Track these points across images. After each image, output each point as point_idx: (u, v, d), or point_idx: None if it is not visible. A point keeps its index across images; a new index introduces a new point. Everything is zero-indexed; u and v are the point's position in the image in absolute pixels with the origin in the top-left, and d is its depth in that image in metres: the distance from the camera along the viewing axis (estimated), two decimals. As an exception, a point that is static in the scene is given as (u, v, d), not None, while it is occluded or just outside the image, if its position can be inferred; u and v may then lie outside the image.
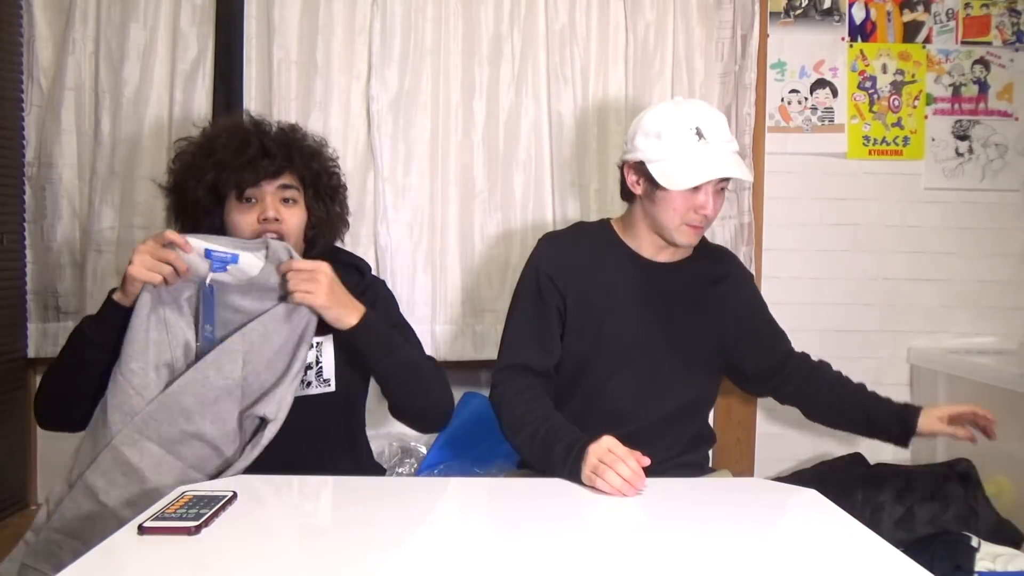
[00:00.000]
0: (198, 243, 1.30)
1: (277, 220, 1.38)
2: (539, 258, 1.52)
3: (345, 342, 1.38)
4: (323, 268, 1.32)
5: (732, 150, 1.43)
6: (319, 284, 1.30)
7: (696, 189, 1.40)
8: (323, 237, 1.49)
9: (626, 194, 1.54)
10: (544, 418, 1.34)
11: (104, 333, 1.30)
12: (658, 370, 1.48)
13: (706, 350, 1.54)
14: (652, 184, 1.43)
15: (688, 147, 1.40)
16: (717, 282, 1.57)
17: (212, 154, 1.39)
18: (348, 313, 1.34)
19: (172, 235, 1.27)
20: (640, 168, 1.45)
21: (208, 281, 1.30)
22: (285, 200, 1.41)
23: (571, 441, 1.23)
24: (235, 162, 1.37)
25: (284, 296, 1.32)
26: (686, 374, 1.50)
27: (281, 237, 1.38)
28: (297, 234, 1.43)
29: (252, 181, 1.37)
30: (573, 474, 1.20)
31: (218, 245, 1.32)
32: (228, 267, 1.31)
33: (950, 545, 1.72)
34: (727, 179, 1.44)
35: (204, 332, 1.32)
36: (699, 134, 1.40)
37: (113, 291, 1.32)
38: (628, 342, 1.48)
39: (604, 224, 1.59)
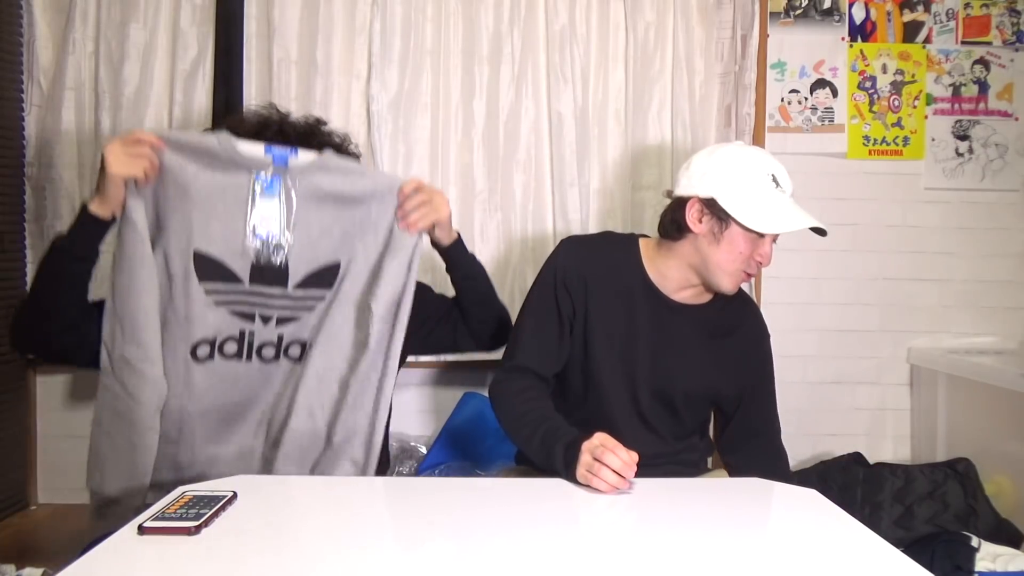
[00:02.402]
0: (252, 145, 1.29)
1: None
2: (558, 263, 1.46)
3: (450, 256, 1.49)
4: (431, 187, 1.41)
5: (810, 218, 1.41)
6: (436, 202, 1.39)
7: (762, 237, 1.38)
8: None
9: (671, 231, 1.43)
10: (544, 418, 1.33)
11: (83, 247, 1.26)
12: (648, 408, 1.44)
13: (701, 398, 1.48)
14: (721, 223, 1.37)
15: (768, 193, 1.38)
16: (729, 333, 1.48)
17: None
18: (451, 228, 1.45)
19: (144, 133, 1.25)
20: (710, 205, 1.37)
21: (270, 173, 1.28)
22: None
23: (568, 441, 1.24)
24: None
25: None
26: (676, 416, 1.47)
27: None
28: None
29: None
30: (570, 473, 1.21)
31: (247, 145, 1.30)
32: (289, 161, 1.31)
33: (950, 545, 1.72)
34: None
35: (268, 232, 1.29)
36: (776, 182, 1.40)
37: (84, 206, 1.26)
38: (621, 374, 1.44)
39: (632, 242, 1.50)
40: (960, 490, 1.90)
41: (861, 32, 2.25)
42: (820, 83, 2.25)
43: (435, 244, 1.49)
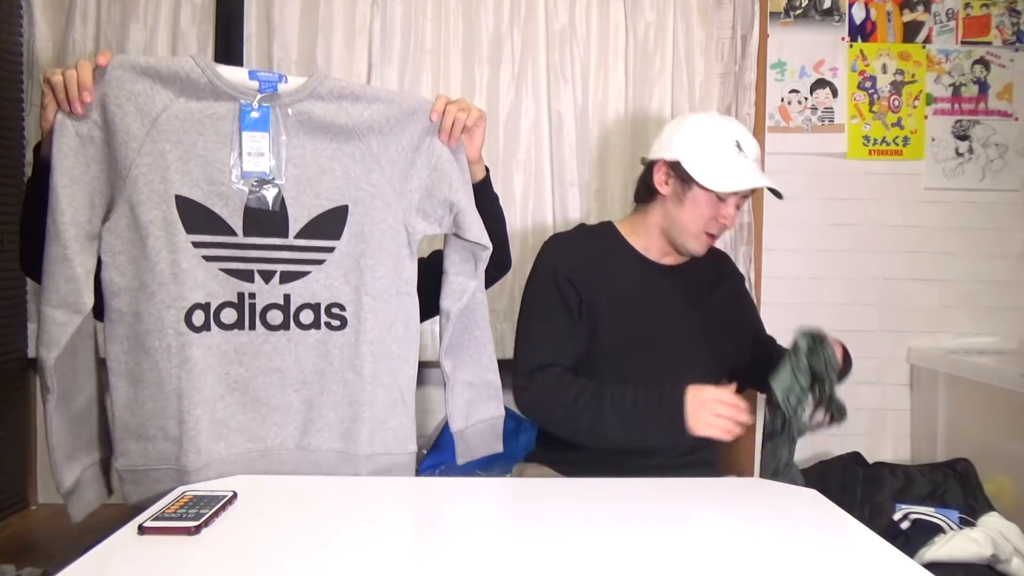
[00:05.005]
0: (235, 70, 1.13)
1: None
2: (553, 259, 1.51)
3: (476, 191, 1.32)
4: (443, 97, 1.26)
5: (761, 168, 1.49)
6: (471, 105, 1.27)
7: (724, 199, 1.43)
8: None
9: (643, 194, 1.53)
10: (599, 392, 1.36)
11: (41, 188, 1.12)
12: (669, 367, 1.48)
13: (710, 348, 1.55)
14: (684, 185, 1.45)
15: (730, 157, 1.43)
16: (715, 284, 1.59)
17: None
18: (482, 160, 1.34)
19: (99, 55, 1.09)
20: (675, 168, 1.45)
21: (257, 102, 1.12)
22: None
23: (660, 402, 1.31)
24: None
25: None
26: (694, 370, 1.51)
27: None
28: None
29: None
30: (681, 429, 1.29)
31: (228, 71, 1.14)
32: (279, 87, 1.15)
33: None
34: (746, 196, 1.49)
35: (258, 170, 1.12)
36: (739, 147, 1.44)
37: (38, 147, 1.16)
38: (640, 341, 1.48)
39: (608, 226, 1.60)
40: (960, 490, 1.90)
41: (861, 32, 2.25)
42: (820, 83, 2.25)
43: None
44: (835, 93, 2.25)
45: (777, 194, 1.47)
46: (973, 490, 1.90)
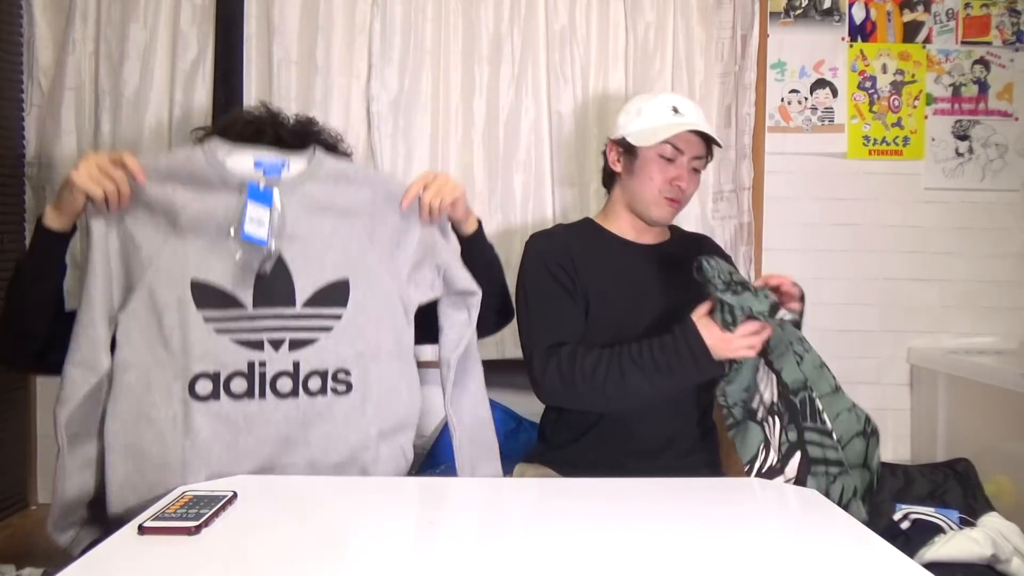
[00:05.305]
0: (241, 159, 1.22)
1: None
2: (539, 251, 1.55)
3: (470, 243, 1.40)
4: (428, 172, 1.33)
5: (704, 126, 1.53)
6: (446, 181, 1.31)
7: (671, 161, 1.50)
8: None
9: (606, 180, 1.64)
10: (616, 351, 1.39)
11: (42, 263, 1.20)
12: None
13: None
14: (631, 156, 1.54)
15: (665, 118, 1.51)
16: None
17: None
18: (471, 213, 1.38)
19: (130, 159, 1.16)
20: (621, 144, 1.56)
21: (262, 184, 1.20)
22: None
23: (676, 343, 1.35)
24: None
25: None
26: None
27: None
28: None
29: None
30: (704, 363, 1.33)
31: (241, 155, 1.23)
32: (282, 173, 1.23)
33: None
34: (701, 158, 1.54)
35: (256, 235, 1.18)
36: (675, 111, 1.52)
37: (40, 220, 1.19)
38: (628, 317, 1.50)
39: (585, 219, 1.67)
40: (960, 490, 1.90)
41: (861, 32, 2.25)
42: (820, 83, 2.25)
43: (457, 233, 1.42)
44: (835, 93, 2.25)
45: (715, 142, 1.53)
46: (973, 490, 1.90)
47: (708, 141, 1.54)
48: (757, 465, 1.34)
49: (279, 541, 0.95)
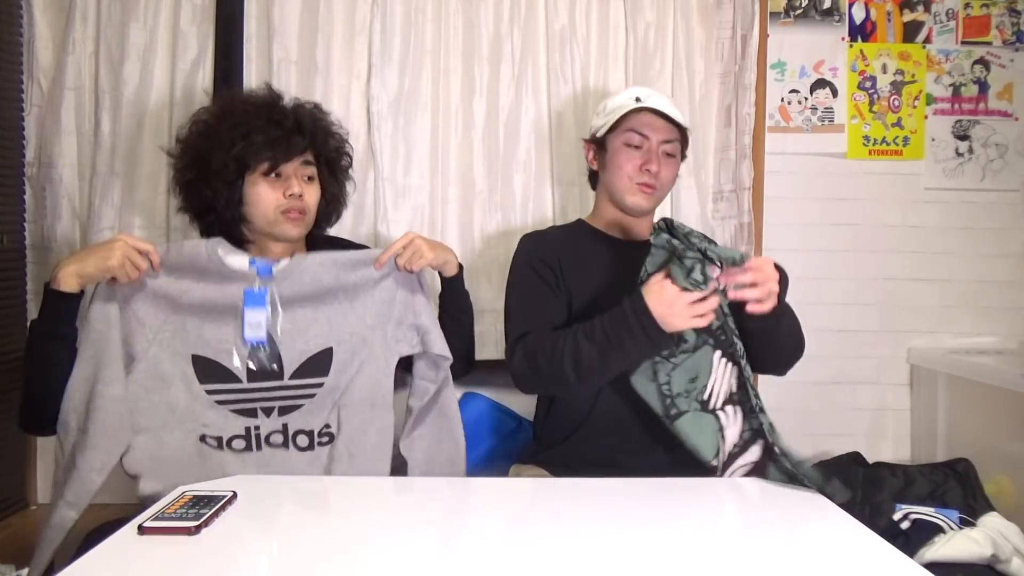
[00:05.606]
0: (238, 258, 1.37)
1: (301, 196, 1.42)
2: (526, 250, 1.60)
3: (448, 287, 1.54)
4: (408, 234, 1.45)
5: (666, 108, 1.55)
6: (419, 246, 1.43)
7: (638, 148, 1.54)
8: (334, 214, 1.56)
9: (591, 181, 1.70)
10: (574, 330, 1.38)
11: (56, 325, 1.29)
12: None
13: None
14: (602, 150, 1.60)
15: (627, 107, 1.55)
16: None
17: (241, 124, 1.39)
18: (452, 257, 1.51)
19: (155, 255, 1.32)
20: (593, 141, 1.63)
21: (257, 286, 1.36)
22: (308, 177, 1.46)
23: (624, 316, 1.30)
24: (270, 135, 1.38)
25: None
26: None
27: (304, 212, 1.43)
28: (314, 211, 1.47)
29: (286, 157, 1.40)
30: (655, 335, 1.28)
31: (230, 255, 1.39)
32: (273, 270, 1.38)
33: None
34: (672, 141, 1.56)
35: (258, 338, 1.36)
36: (637, 100, 1.56)
37: (47, 286, 1.28)
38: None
39: (577, 221, 1.71)
40: (960, 490, 1.90)
41: (861, 32, 2.25)
42: (820, 83, 2.25)
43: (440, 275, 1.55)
44: (835, 93, 2.25)
45: (678, 125, 1.55)
46: (973, 490, 1.90)
47: (677, 127, 1.57)
48: (722, 458, 1.30)
49: (279, 541, 0.95)
